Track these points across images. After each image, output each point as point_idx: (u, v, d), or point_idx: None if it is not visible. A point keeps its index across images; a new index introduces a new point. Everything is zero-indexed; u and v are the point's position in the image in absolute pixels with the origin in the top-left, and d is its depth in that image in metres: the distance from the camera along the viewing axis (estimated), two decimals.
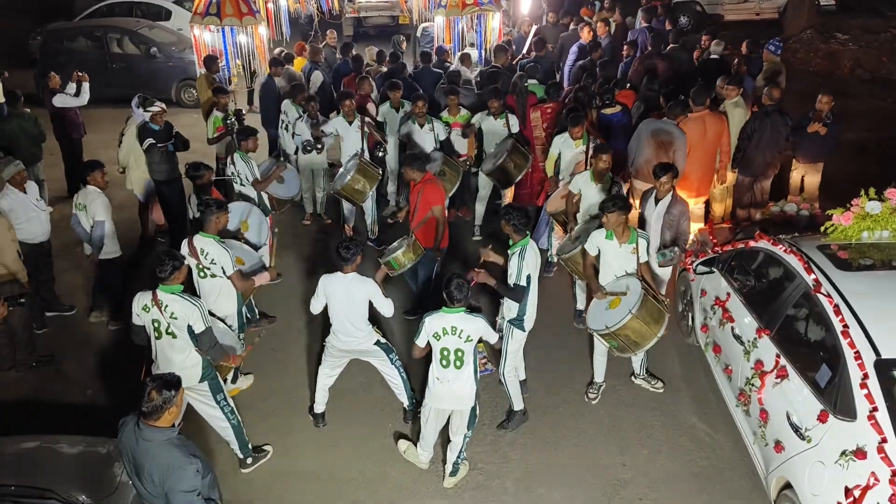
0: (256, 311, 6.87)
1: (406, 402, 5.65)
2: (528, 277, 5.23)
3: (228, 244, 5.69)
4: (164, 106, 7.59)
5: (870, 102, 8.86)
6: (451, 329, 4.71)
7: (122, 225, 8.75)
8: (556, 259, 7.56)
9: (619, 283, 5.56)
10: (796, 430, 4.51)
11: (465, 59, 10.74)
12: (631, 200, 7.28)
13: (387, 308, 5.28)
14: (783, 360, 4.88)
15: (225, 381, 5.31)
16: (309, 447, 5.51)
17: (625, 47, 11.28)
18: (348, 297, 5.16)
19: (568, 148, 7.43)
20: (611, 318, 5.32)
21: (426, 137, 8.05)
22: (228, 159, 7.16)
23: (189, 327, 4.67)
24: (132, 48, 13.89)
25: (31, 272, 6.41)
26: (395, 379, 5.54)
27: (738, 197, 8.27)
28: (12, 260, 5.96)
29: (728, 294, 5.93)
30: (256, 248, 6.42)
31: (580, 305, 6.89)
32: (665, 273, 6.42)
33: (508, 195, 8.51)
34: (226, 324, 5.56)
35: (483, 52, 11.58)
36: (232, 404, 5.06)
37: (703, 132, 7.62)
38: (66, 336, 6.86)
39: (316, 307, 5.34)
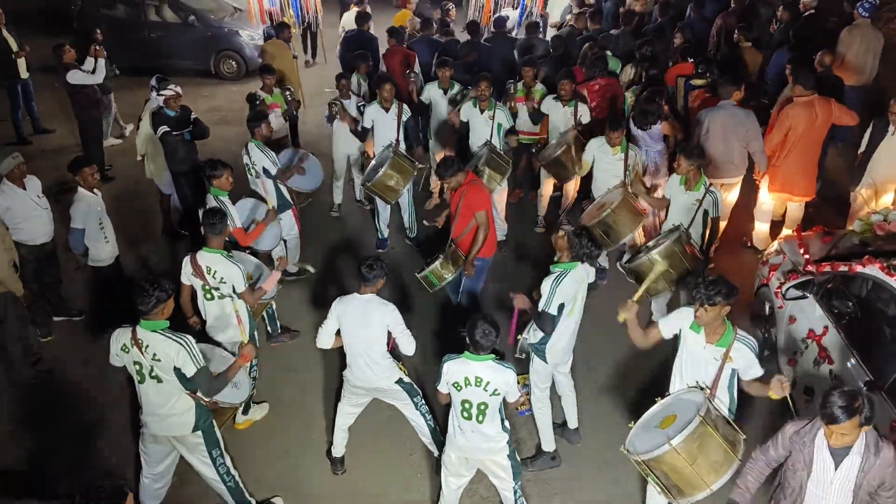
0: (278, 323, 6.17)
1: (434, 451, 4.88)
2: (561, 307, 4.43)
3: (238, 258, 4.97)
4: (179, 90, 6.79)
5: None
6: (474, 380, 3.91)
7: (142, 216, 8.19)
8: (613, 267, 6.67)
9: (684, 398, 4.00)
10: None
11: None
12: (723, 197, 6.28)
13: (407, 343, 4.49)
14: None
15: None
16: (324, 500, 4.78)
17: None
18: (364, 322, 4.36)
19: (603, 154, 6.41)
20: (648, 442, 3.78)
21: (484, 127, 6.99)
22: (243, 149, 6.41)
23: (177, 369, 3.90)
24: (171, 15, 13.31)
25: (32, 276, 5.88)
26: (421, 426, 4.78)
27: None
28: (5, 271, 5.31)
29: (825, 328, 4.96)
30: (269, 255, 5.77)
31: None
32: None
33: (572, 188, 7.47)
34: (230, 353, 4.86)
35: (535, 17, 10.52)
36: (229, 463, 4.33)
37: (811, 120, 6.54)
38: (72, 346, 6.22)
39: (323, 337, 4.50)
